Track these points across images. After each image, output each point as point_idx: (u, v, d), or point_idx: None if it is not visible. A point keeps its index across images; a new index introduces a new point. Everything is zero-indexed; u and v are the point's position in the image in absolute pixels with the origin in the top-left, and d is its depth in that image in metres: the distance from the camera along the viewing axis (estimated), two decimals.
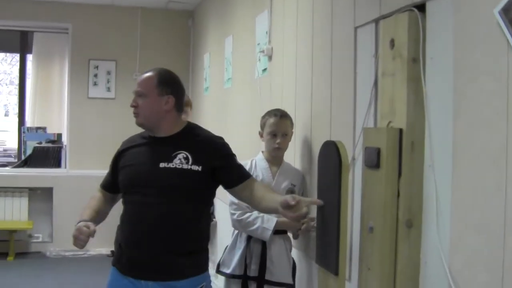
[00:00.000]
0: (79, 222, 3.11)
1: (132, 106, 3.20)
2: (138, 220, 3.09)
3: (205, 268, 3.21)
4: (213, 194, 3.27)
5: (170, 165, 3.08)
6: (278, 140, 3.85)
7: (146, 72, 3.25)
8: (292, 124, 3.96)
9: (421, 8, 2.53)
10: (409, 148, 2.55)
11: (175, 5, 8.97)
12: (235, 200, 3.75)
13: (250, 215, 3.78)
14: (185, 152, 3.11)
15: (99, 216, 3.31)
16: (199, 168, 3.08)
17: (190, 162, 3.09)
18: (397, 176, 2.58)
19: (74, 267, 7.97)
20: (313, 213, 3.61)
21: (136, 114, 3.20)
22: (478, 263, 2.08)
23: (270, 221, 3.75)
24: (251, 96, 5.32)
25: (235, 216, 3.80)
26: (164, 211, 3.05)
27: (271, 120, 3.89)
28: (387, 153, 2.59)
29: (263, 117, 3.99)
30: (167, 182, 3.07)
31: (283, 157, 3.99)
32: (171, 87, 3.20)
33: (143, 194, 3.09)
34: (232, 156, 3.25)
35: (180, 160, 3.09)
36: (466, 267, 2.15)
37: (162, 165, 3.09)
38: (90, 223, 3.07)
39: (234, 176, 3.21)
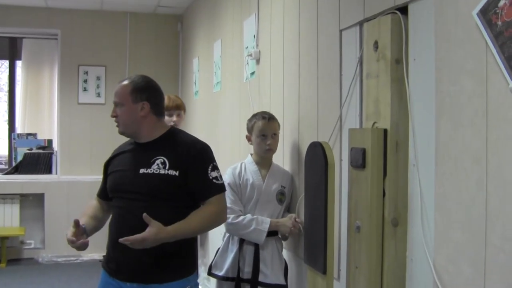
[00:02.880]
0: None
1: (112, 116, 3.26)
2: (121, 224, 3.13)
3: (191, 271, 3.23)
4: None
5: (149, 170, 3.11)
6: (268, 141, 3.89)
7: (122, 81, 3.28)
8: (279, 125, 4.00)
9: (404, 10, 2.58)
10: (393, 148, 2.59)
11: (163, 10, 9.00)
12: (228, 204, 3.78)
13: (244, 218, 3.81)
14: (162, 157, 3.12)
15: (95, 222, 3.33)
16: (176, 173, 3.08)
17: (167, 167, 3.10)
18: (383, 175, 2.62)
19: (67, 272, 7.97)
20: (302, 213, 3.65)
21: (117, 124, 3.26)
22: (462, 259, 2.12)
23: (264, 223, 3.78)
24: (240, 99, 5.35)
25: (229, 220, 3.78)
26: (143, 214, 3.07)
27: (260, 122, 3.91)
28: (372, 153, 2.63)
29: (250, 120, 4.02)
30: (146, 188, 3.09)
31: (272, 159, 4.03)
32: (146, 93, 3.22)
33: (126, 199, 3.14)
34: (205, 165, 3.16)
35: (158, 165, 3.11)
36: (450, 262, 2.19)
37: (141, 171, 3.13)
38: (71, 238, 3.10)
39: (198, 188, 3.15)
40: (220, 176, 3.21)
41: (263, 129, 3.90)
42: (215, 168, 3.19)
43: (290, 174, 4.00)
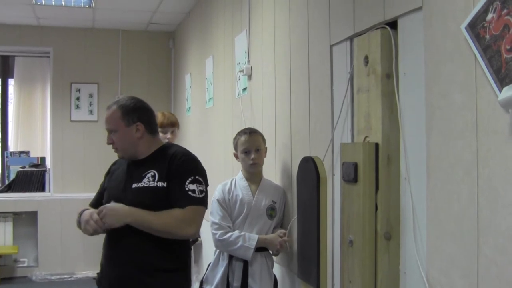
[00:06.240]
0: (83, 211, 3.20)
1: (108, 144, 3.27)
2: (113, 240, 3.13)
3: None
4: None
5: (140, 184, 3.12)
6: (252, 156, 3.91)
7: (110, 106, 3.28)
8: (263, 139, 4.03)
9: (393, 25, 2.59)
10: (385, 162, 2.60)
11: (155, 27, 9.03)
12: (216, 220, 3.81)
13: (232, 235, 3.82)
14: (153, 170, 3.14)
15: None
16: (164, 184, 3.10)
17: (156, 179, 3.11)
18: (375, 189, 2.63)
19: None
20: (294, 227, 3.66)
21: (115, 149, 3.27)
22: (454, 271, 2.13)
23: (251, 240, 3.78)
24: (233, 115, 5.37)
25: (217, 236, 3.82)
26: (136, 231, 3.07)
27: (242, 138, 3.96)
28: (364, 167, 2.64)
29: (234, 138, 4.07)
30: (137, 202, 3.10)
31: (263, 174, 4.05)
32: (137, 114, 3.24)
33: None
34: (185, 175, 3.15)
35: (148, 179, 3.12)
36: (443, 275, 2.20)
37: (134, 185, 3.15)
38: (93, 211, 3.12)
39: (173, 198, 3.13)
40: (201, 191, 3.16)
41: (246, 145, 3.94)
42: (197, 181, 3.15)
43: (281, 189, 4.01)
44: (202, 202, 3.17)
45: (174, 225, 3.08)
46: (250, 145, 3.93)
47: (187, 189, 3.10)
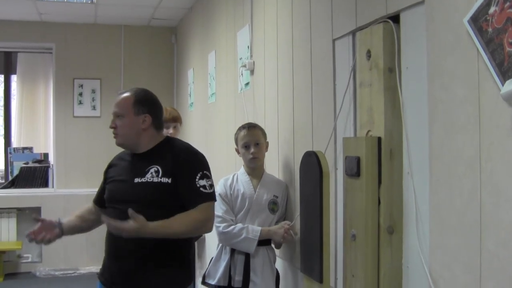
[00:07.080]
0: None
1: (111, 127, 3.26)
2: (115, 236, 3.12)
3: (186, 283, 3.25)
4: None
5: (143, 179, 3.12)
6: (252, 150, 3.92)
7: (123, 92, 3.29)
8: (264, 134, 4.04)
9: (395, 19, 2.59)
10: (388, 156, 2.60)
11: (158, 22, 9.03)
12: (219, 213, 3.81)
13: (235, 227, 3.82)
14: (156, 166, 3.14)
15: (78, 221, 3.46)
16: (169, 180, 3.09)
17: (160, 175, 3.11)
18: (377, 183, 2.62)
19: (64, 286, 7.96)
20: (296, 222, 3.66)
21: (115, 135, 3.26)
22: (457, 265, 2.13)
23: (255, 231, 3.79)
24: (235, 110, 5.36)
25: (220, 229, 3.83)
26: None
27: (241, 133, 3.99)
28: (367, 161, 2.63)
29: (235, 133, 4.08)
30: (140, 197, 3.11)
31: (265, 168, 4.06)
32: (148, 106, 3.25)
33: (120, 209, 3.11)
34: (193, 172, 3.15)
35: (152, 174, 3.12)
36: (446, 269, 2.19)
37: (136, 180, 3.14)
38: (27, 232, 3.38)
39: (186, 196, 3.13)
40: (210, 185, 3.19)
41: (245, 139, 3.96)
42: (205, 176, 3.17)
43: (284, 183, 4.01)
44: (213, 196, 3.22)
45: (195, 227, 3.17)
46: (250, 140, 3.94)
47: (198, 185, 3.11)
